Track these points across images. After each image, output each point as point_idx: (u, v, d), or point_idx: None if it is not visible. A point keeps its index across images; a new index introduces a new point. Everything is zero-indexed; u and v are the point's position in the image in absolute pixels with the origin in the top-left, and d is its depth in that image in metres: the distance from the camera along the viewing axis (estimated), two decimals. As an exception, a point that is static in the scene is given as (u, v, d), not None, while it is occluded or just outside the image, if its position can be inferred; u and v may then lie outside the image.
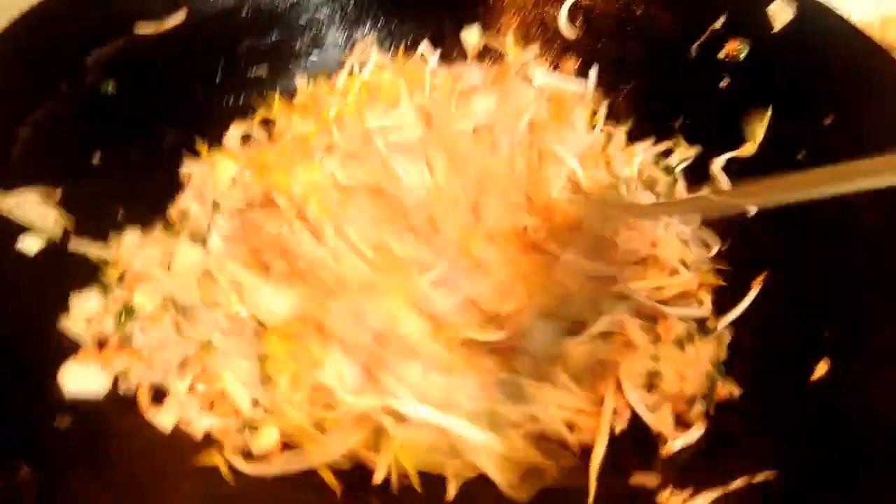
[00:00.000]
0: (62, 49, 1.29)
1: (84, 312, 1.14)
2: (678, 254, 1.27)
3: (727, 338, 1.19)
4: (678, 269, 1.25)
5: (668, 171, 1.43)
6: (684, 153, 1.46)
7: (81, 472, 0.96)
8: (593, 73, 1.60)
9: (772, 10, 1.44)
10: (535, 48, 1.65)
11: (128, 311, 1.14)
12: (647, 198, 1.39)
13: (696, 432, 1.11)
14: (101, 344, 1.15)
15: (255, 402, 1.13)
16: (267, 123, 1.51)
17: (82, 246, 1.22)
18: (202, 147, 1.42)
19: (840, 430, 1.03)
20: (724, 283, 1.26)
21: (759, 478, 1.00)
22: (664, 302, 1.21)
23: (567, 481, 1.06)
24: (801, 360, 1.11)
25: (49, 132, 1.22)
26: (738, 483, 1.00)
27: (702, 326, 1.19)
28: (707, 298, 1.24)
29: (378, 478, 1.06)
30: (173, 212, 1.35)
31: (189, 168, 1.40)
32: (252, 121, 1.50)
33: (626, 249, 1.23)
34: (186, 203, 1.35)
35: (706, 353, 1.15)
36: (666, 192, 1.41)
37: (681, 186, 1.42)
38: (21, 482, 0.85)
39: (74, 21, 1.30)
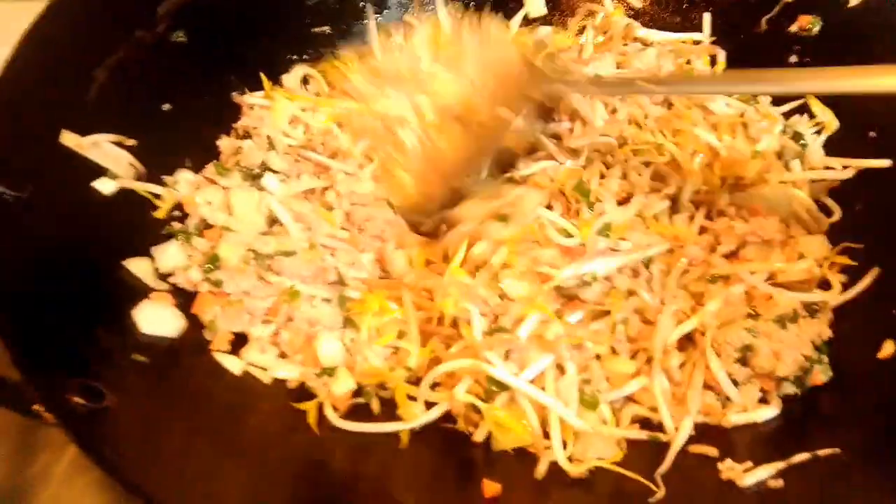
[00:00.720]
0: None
1: (168, 264, 1.16)
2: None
3: (829, 318, 1.15)
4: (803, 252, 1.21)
5: (797, 137, 1.37)
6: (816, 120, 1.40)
7: (158, 404, 0.98)
8: (707, 18, 1.56)
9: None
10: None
11: (213, 262, 1.15)
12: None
13: (768, 412, 1.08)
14: (186, 291, 1.17)
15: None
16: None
17: (146, 186, 1.23)
18: (266, 83, 1.41)
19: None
20: (854, 263, 1.20)
21: (822, 454, 0.99)
22: (780, 285, 1.15)
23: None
24: (868, 341, 1.10)
25: (123, 78, 1.24)
26: (799, 457, 0.99)
27: (808, 306, 1.14)
28: (836, 280, 1.18)
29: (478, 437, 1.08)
30: (223, 145, 1.35)
31: (247, 100, 1.40)
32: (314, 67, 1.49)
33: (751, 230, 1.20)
34: (239, 141, 1.35)
35: (808, 335, 1.10)
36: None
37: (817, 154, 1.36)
38: (105, 407, 0.88)
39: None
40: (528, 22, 1.65)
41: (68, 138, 1.13)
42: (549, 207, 1.23)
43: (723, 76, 1.37)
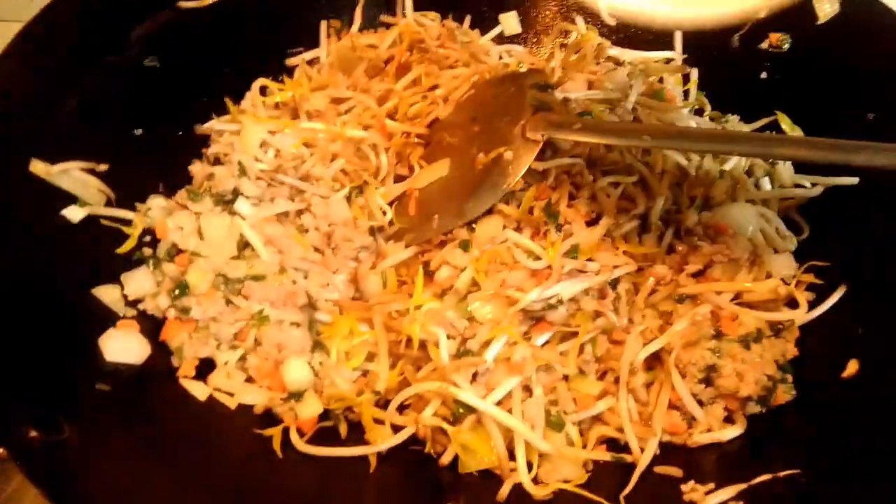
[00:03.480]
0: (107, 23, 1.31)
1: (137, 290, 1.17)
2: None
3: (794, 336, 1.16)
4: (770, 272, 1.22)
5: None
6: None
7: (120, 434, 0.98)
8: (678, 36, 1.57)
9: (817, 1, 1.42)
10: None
11: (181, 288, 1.16)
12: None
13: (732, 431, 1.09)
14: (153, 318, 1.18)
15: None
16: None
17: (117, 213, 1.24)
18: (231, 106, 1.41)
19: (867, 429, 1.02)
20: (821, 283, 1.21)
21: (784, 475, 1.00)
22: (747, 304, 1.17)
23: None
24: (834, 360, 1.11)
25: (94, 104, 1.25)
26: (761, 478, 1.00)
27: (773, 325, 1.15)
28: (803, 298, 1.19)
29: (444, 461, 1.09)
30: (195, 170, 1.35)
31: (215, 127, 1.40)
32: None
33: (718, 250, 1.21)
34: (210, 166, 1.35)
35: (772, 354, 1.11)
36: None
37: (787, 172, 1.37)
38: (63, 439, 0.88)
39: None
40: (501, 40, 1.66)
41: (38, 167, 1.14)
42: (517, 230, 1.24)
43: (736, 136, 1.33)
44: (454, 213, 1.27)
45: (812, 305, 1.20)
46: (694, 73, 1.54)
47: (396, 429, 1.11)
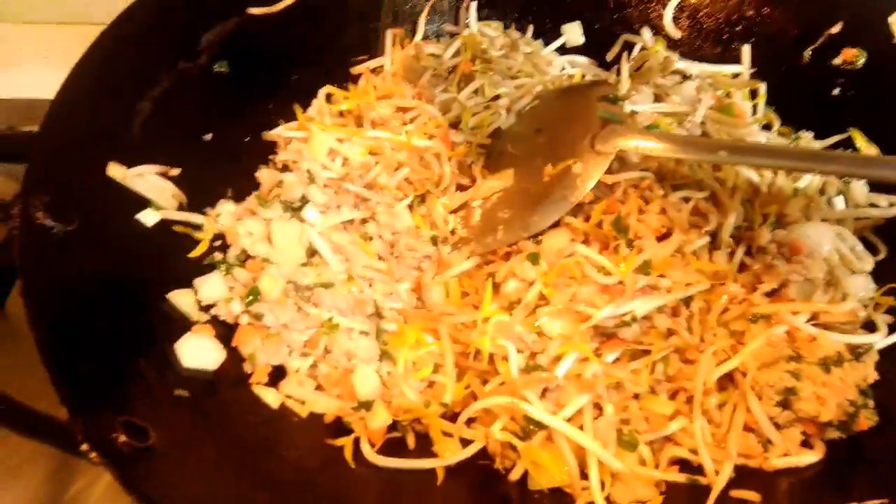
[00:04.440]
0: (179, 29, 1.32)
1: (211, 295, 1.18)
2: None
3: (874, 360, 1.13)
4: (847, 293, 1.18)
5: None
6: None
7: (197, 440, 0.99)
8: (747, 49, 1.53)
9: (893, 19, 1.39)
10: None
11: (254, 294, 1.16)
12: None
13: (810, 457, 1.06)
14: (225, 323, 1.18)
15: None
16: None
17: (189, 217, 1.25)
18: (300, 113, 1.41)
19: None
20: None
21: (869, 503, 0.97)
22: (823, 325, 1.14)
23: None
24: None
25: (167, 108, 1.26)
26: (845, 506, 0.97)
27: (853, 348, 1.11)
28: (882, 321, 1.16)
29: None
30: (263, 177, 1.35)
31: (283, 133, 1.41)
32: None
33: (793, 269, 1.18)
34: (279, 172, 1.36)
35: (853, 378, 1.07)
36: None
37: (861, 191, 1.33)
38: (151, 445, 0.88)
39: (191, 2, 1.33)
40: (564, 51, 1.65)
41: (115, 170, 1.15)
42: (585, 244, 1.22)
43: (812, 153, 1.31)
44: (519, 225, 1.26)
45: (891, 329, 1.16)
46: (762, 88, 1.51)
47: (465, 442, 1.10)
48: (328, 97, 1.48)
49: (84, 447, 0.81)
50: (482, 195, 1.36)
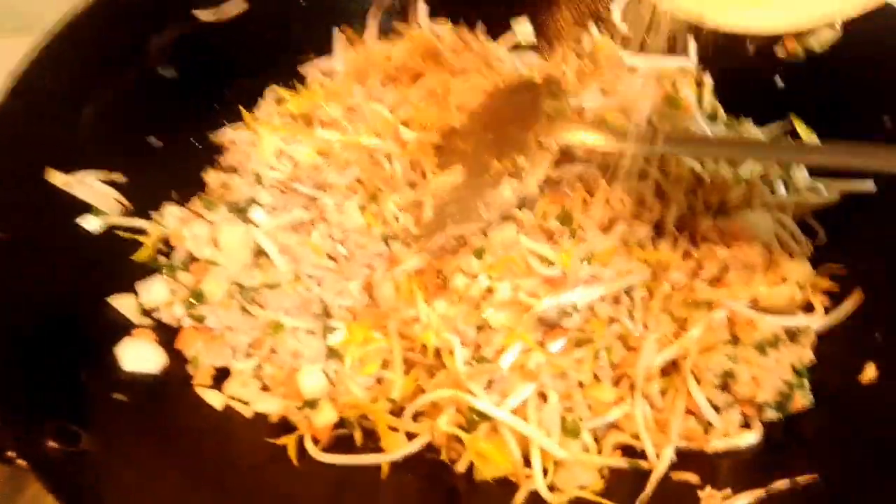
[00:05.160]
0: (126, 33, 1.32)
1: (153, 299, 1.18)
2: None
3: (811, 342, 1.16)
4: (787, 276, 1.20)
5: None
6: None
7: (137, 443, 0.99)
8: (692, 44, 1.53)
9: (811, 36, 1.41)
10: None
11: (197, 297, 1.16)
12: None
13: (748, 438, 1.09)
14: (169, 327, 1.18)
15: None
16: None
17: (132, 222, 1.25)
18: (245, 115, 1.41)
19: (886, 433, 1.02)
20: (837, 288, 1.20)
21: (802, 480, 0.99)
22: (763, 309, 1.16)
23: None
24: (852, 365, 1.10)
25: (110, 113, 1.26)
26: (779, 484, 0.99)
27: (790, 330, 1.14)
28: (819, 303, 1.18)
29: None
30: (210, 179, 1.35)
31: (229, 135, 1.41)
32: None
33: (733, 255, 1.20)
34: (225, 174, 1.35)
35: (789, 359, 1.10)
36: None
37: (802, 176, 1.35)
38: (82, 450, 0.88)
39: (138, 6, 1.33)
40: (515, 48, 1.66)
41: (55, 176, 1.15)
42: (532, 236, 1.23)
43: (751, 141, 1.35)
44: (468, 220, 1.27)
45: (828, 310, 1.19)
46: (708, 80, 1.53)
47: (412, 436, 1.11)
48: (277, 99, 1.48)
49: (10, 454, 0.81)
50: (432, 192, 1.37)
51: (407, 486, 1.08)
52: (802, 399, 1.09)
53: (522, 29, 1.67)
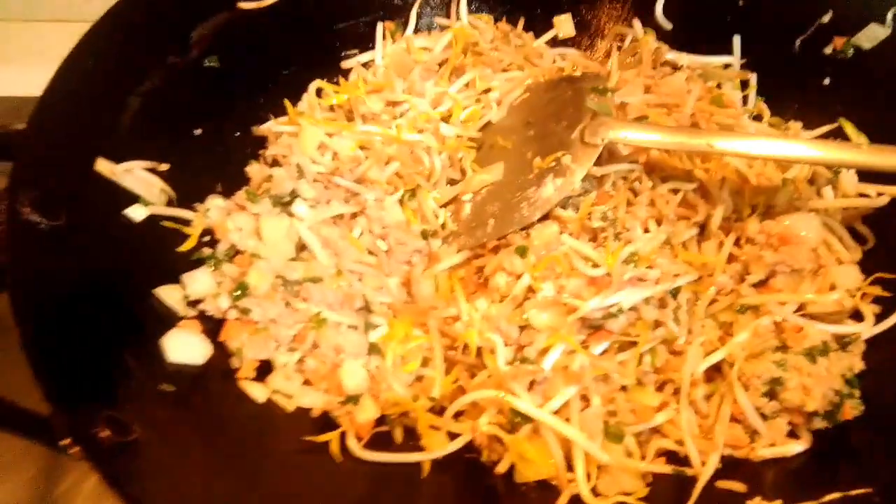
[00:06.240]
0: (169, 24, 1.32)
1: (198, 291, 1.18)
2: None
3: (861, 350, 1.13)
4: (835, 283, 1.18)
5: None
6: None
7: (182, 434, 0.99)
8: (737, 41, 1.52)
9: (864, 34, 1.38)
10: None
11: (242, 289, 1.16)
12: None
13: (797, 447, 1.07)
14: (213, 318, 1.18)
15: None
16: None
17: (178, 213, 1.25)
18: (290, 108, 1.41)
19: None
20: (888, 294, 1.17)
21: (855, 493, 0.97)
22: (811, 316, 1.14)
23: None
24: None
25: (156, 103, 1.26)
26: (831, 497, 0.97)
27: (839, 338, 1.12)
28: (869, 311, 1.16)
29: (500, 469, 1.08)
30: (253, 172, 1.36)
31: (273, 128, 1.41)
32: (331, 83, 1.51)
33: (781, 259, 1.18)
34: (268, 167, 1.35)
35: (839, 368, 1.08)
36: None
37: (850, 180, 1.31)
38: (134, 440, 0.89)
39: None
40: (556, 43, 1.64)
41: (103, 166, 1.15)
42: (575, 236, 1.22)
43: (799, 143, 1.26)
44: (509, 218, 1.26)
45: (879, 318, 1.16)
46: (753, 79, 1.50)
47: (452, 436, 1.10)
48: (318, 92, 1.48)
49: (65, 442, 0.81)
50: (472, 189, 1.37)
51: (446, 486, 1.08)
52: (853, 409, 1.07)
53: (564, 24, 1.65)
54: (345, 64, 1.54)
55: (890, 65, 1.36)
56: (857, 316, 1.17)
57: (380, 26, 1.55)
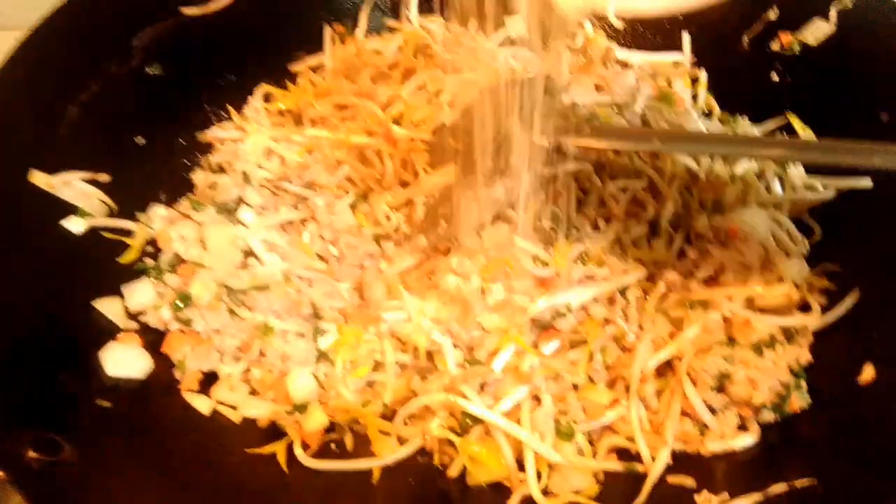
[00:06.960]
0: (110, 30, 1.30)
1: (139, 302, 1.16)
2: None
3: (808, 342, 1.14)
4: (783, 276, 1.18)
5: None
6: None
7: (121, 451, 0.97)
8: (686, 39, 1.53)
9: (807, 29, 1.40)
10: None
11: (184, 300, 1.14)
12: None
13: (745, 440, 1.07)
14: (155, 330, 1.16)
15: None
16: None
17: (118, 223, 1.23)
18: (234, 114, 1.39)
19: (885, 435, 1.00)
20: (834, 287, 1.19)
21: (800, 485, 0.97)
22: (760, 309, 1.14)
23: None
24: (849, 366, 1.09)
25: (96, 112, 1.24)
26: (776, 488, 0.98)
27: (787, 330, 1.12)
28: (816, 303, 1.17)
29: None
30: (197, 179, 1.34)
31: (218, 134, 1.39)
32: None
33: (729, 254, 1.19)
34: (213, 174, 1.34)
35: (786, 360, 1.09)
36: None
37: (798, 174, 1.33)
38: (63, 459, 0.86)
39: (123, 2, 1.31)
40: (507, 43, 1.64)
41: (38, 178, 1.12)
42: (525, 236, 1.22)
43: (746, 139, 1.33)
44: (460, 220, 1.25)
45: (825, 310, 1.17)
46: (703, 76, 1.51)
47: (403, 441, 1.09)
48: (266, 96, 1.46)
49: (-10, 466, 0.79)
50: (425, 191, 1.35)
51: (399, 492, 1.07)
52: (800, 400, 1.07)
53: (515, 25, 1.65)
54: (293, 66, 1.51)
55: (835, 60, 1.37)
56: (804, 308, 1.18)
57: (327, 29, 1.53)
